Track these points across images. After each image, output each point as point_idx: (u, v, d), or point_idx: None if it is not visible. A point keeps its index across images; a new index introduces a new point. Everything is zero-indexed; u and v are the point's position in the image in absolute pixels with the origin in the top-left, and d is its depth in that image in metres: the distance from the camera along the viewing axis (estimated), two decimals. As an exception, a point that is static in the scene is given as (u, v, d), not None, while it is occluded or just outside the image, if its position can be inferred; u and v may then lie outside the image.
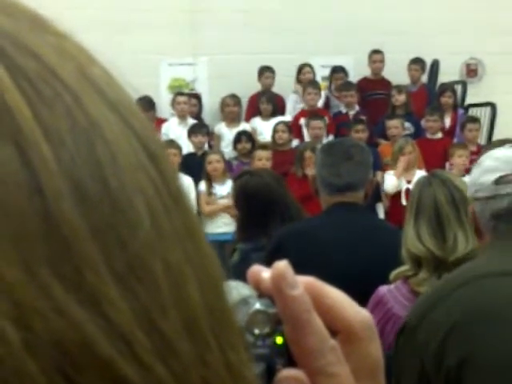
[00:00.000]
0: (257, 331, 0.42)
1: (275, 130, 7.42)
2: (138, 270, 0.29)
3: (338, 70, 8.51)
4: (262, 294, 0.42)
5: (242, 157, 7.39)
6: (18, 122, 0.28)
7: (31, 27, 0.32)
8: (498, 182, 1.68)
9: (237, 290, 0.45)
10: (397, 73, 8.43)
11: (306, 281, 0.42)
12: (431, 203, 2.34)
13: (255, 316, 0.42)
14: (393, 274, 2.40)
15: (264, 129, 7.82)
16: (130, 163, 0.31)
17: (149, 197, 0.31)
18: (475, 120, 7.66)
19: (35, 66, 0.30)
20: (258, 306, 0.42)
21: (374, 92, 8.40)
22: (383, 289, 2.41)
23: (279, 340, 0.42)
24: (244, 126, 8.02)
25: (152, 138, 0.33)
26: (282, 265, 0.40)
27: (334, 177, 2.76)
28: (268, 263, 0.42)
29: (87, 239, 0.28)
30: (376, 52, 8.53)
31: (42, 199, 0.28)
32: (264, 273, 0.42)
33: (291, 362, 0.41)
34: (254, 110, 8.21)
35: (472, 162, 5.13)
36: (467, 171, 5.85)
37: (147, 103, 8.17)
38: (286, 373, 0.41)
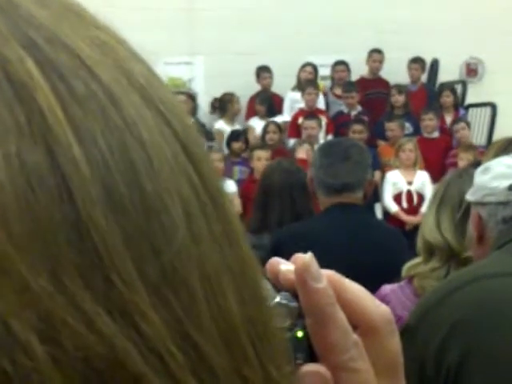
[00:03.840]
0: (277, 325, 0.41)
1: (266, 131, 7.44)
2: (173, 279, 0.28)
3: (339, 64, 8.49)
4: (280, 287, 0.42)
5: (234, 156, 7.34)
6: (48, 122, 0.27)
7: (67, 18, 0.30)
8: None
9: None
10: (396, 72, 8.41)
11: (326, 274, 0.41)
12: (457, 195, 2.30)
13: (276, 309, 0.41)
14: (405, 267, 2.39)
15: (260, 129, 7.81)
16: (167, 166, 0.29)
17: (187, 201, 0.30)
18: (462, 119, 7.65)
19: (69, 60, 0.29)
20: (278, 299, 0.41)
21: (371, 91, 8.35)
22: (386, 288, 2.41)
23: (300, 334, 0.41)
24: (237, 126, 8.03)
25: (193, 138, 0.32)
26: (307, 257, 0.40)
27: (330, 177, 2.75)
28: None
29: (119, 248, 0.27)
30: (375, 51, 8.53)
31: (72, 206, 0.26)
32: (283, 265, 0.42)
33: (312, 357, 0.40)
34: (252, 110, 8.25)
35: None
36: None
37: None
38: (308, 367, 0.40)
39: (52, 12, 0.30)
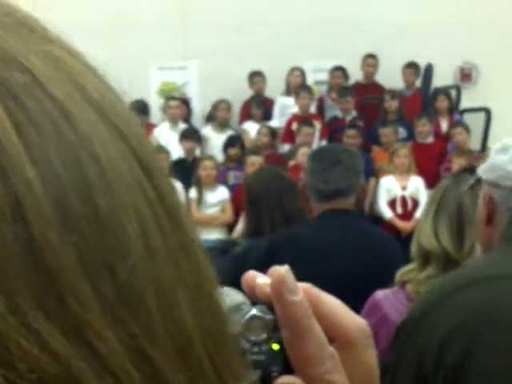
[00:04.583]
0: (253, 337, 0.42)
1: (258, 133, 7.50)
2: (128, 296, 0.28)
3: (337, 70, 8.51)
4: (256, 300, 0.42)
5: (230, 162, 7.35)
6: (2, 143, 0.27)
7: (19, 34, 0.30)
8: None
9: (230, 296, 0.44)
10: (390, 77, 8.41)
11: (302, 287, 0.41)
12: (455, 201, 2.29)
13: (251, 322, 0.42)
14: (399, 273, 2.37)
15: (255, 132, 7.82)
16: (122, 180, 0.29)
17: (143, 216, 0.30)
18: (460, 124, 7.64)
19: (21, 78, 0.28)
20: (254, 311, 0.42)
21: (366, 96, 8.36)
22: (379, 293, 2.40)
23: (275, 346, 0.41)
24: (231, 131, 8.04)
25: (149, 153, 0.32)
26: (283, 269, 0.40)
27: (322, 183, 2.76)
28: (259, 269, 0.42)
29: (73, 267, 0.27)
30: (370, 56, 8.54)
31: (25, 226, 0.26)
32: (259, 278, 0.42)
33: (288, 369, 0.40)
34: (246, 115, 8.24)
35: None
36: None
37: (141, 108, 8.14)
38: (283, 380, 0.40)
39: (5, 28, 0.30)
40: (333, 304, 0.42)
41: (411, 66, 8.47)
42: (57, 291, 0.26)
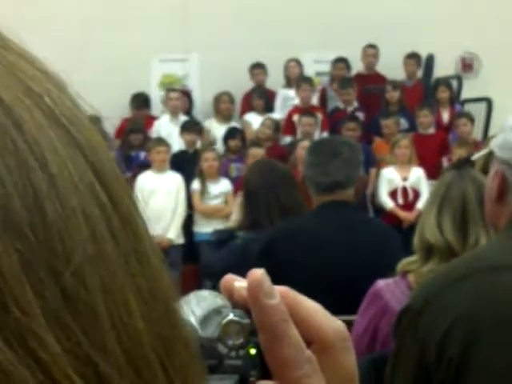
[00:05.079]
0: (230, 342, 0.42)
1: (261, 125, 7.49)
2: (74, 301, 0.28)
3: (339, 61, 8.47)
4: (235, 304, 0.42)
5: (231, 154, 7.35)
6: None
7: None
8: None
9: (210, 299, 0.44)
10: (392, 67, 8.40)
11: (280, 290, 0.41)
12: (460, 197, 2.28)
13: (229, 327, 0.41)
14: (400, 264, 2.37)
15: (257, 124, 7.82)
16: (72, 185, 0.29)
17: (93, 221, 0.29)
18: (465, 115, 7.60)
19: None
20: (231, 316, 0.41)
21: (368, 87, 8.34)
22: (381, 283, 2.40)
23: (253, 351, 0.41)
24: (234, 122, 8.05)
25: (103, 157, 0.31)
26: (259, 273, 0.40)
27: (320, 176, 2.78)
28: (259, 264, 0.42)
29: (16, 273, 0.26)
30: (370, 46, 8.52)
31: None
32: (237, 282, 0.42)
33: (265, 374, 0.40)
34: (247, 106, 8.23)
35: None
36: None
37: (142, 101, 8.13)
38: None
39: None
40: (310, 307, 0.42)
41: (412, 57, 8.44)
42: None
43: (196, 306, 0.43)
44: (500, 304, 1.47)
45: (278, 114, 8.07)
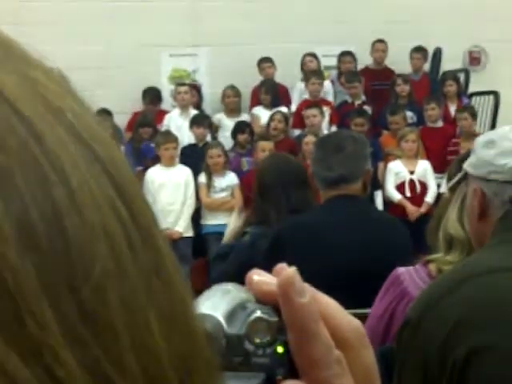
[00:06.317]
0: (257, 340, 0.41)
1: (272, 119, 7.45)
2: (92, 317, 0.27)
3: (346, 54, 8.47)
4: (259, 299, 0.41)
5: (240, 148, 7.40)
6: None
7: None
8: None
9: (234, 292, 0.43)
10: (399, 61, 8.40)
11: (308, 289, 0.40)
12: None
13: (256, 324, 0.41)
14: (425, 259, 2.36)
15: (266, 118, 7.80)
16: (92, 200, 0.28)
17: (113, 236, 0.29)
18: (466, 109, 7.57)
19: None
20: (258, 313, 0.41)
21: (377, 82, 8.36)
22: (401, 269, 2.39)
23: (280, 349, 0.40)
24: (244, 116, 8.05)
25: (123, 171, 0.31)
26: (291, 271, 0.39)
27: (325, 170, 2.77)
28: (267, 259, 0.41)
29: (33, 288, 0.26)
30: (379, 41, 8.49)
31: None
32: (255, 276, 0.41)
33: (292, 373, 0.40)
34: (256, 100, 8.24)
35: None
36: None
37: (155, 96, 8.14)
38: (288, 383, 0.39)
39: None
40: (329, 305, 0.41)
41: (419, 51, 8.42)
42: (15, 312, 0.26)
43: (220, 300, 0.42)
44: (499, 305, 1.46)
45: (294, 107, 8.07)
